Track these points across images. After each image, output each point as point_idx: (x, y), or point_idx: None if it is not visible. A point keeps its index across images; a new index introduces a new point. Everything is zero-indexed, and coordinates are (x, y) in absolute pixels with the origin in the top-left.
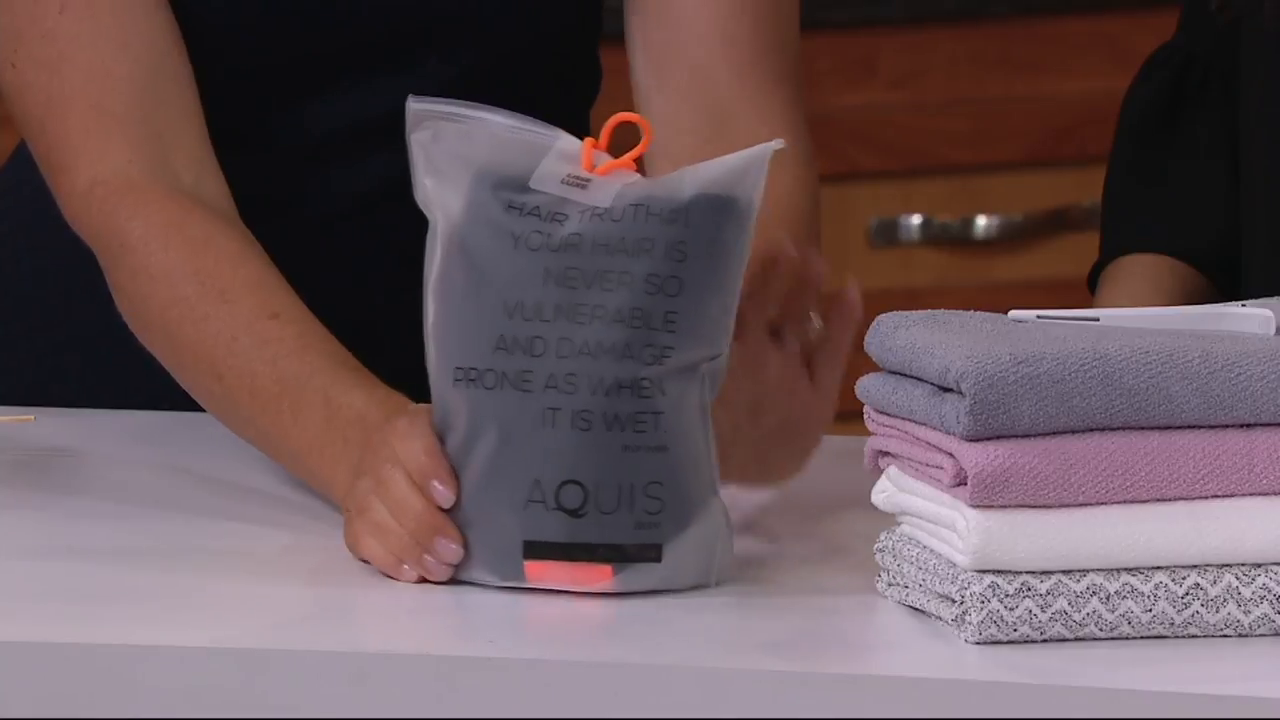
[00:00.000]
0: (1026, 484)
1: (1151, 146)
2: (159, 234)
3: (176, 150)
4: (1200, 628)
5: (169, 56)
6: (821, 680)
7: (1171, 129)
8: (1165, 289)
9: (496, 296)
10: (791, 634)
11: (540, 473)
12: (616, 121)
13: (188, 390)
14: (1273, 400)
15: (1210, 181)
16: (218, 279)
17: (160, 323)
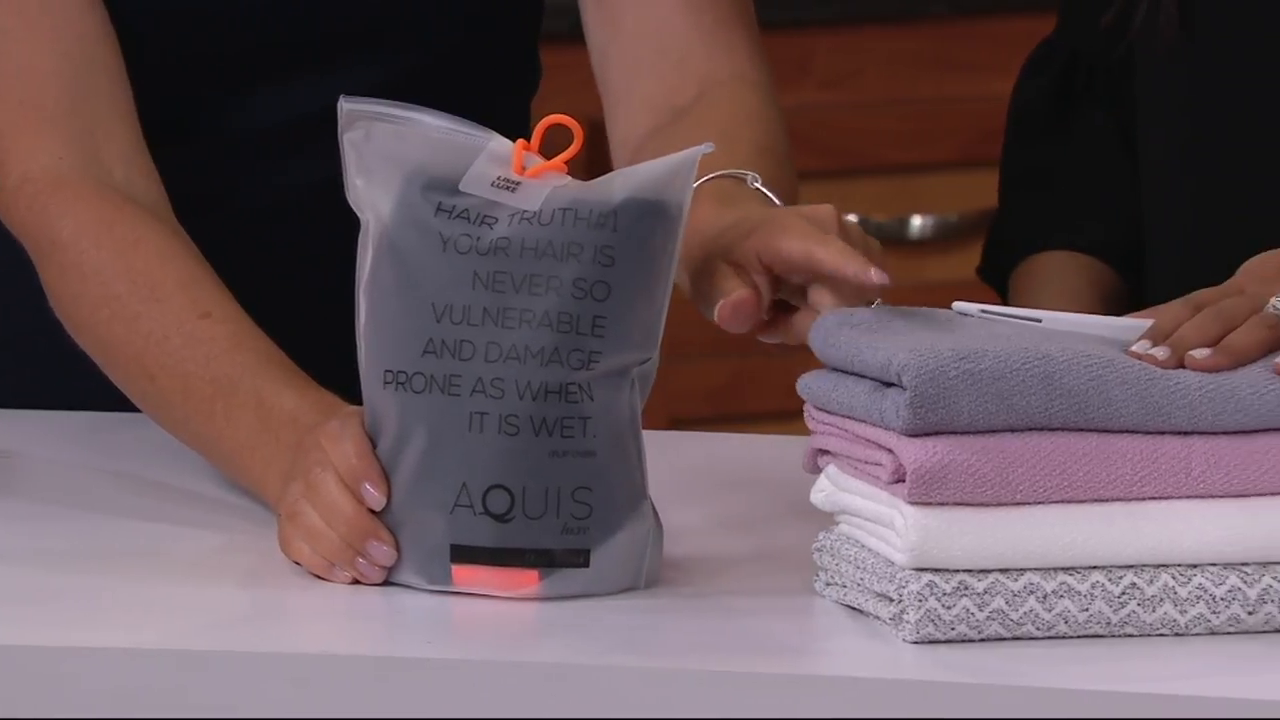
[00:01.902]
0: (965, 481)
1: (1044, 143)
2: (90, 231)
3: (107, 146)
4: (1136, 627)
5: (100, 52)
6: (756, 680)
7: (1062, 125)
8: (1077, 288)
9: (425, 299)
10: (725, 634)
11: (468, 477)
12: (548, 124)
13: (120, 389)
14: (1210, 409)
15: (1111, 177)
16: (148, 277)
17: (91, 321)
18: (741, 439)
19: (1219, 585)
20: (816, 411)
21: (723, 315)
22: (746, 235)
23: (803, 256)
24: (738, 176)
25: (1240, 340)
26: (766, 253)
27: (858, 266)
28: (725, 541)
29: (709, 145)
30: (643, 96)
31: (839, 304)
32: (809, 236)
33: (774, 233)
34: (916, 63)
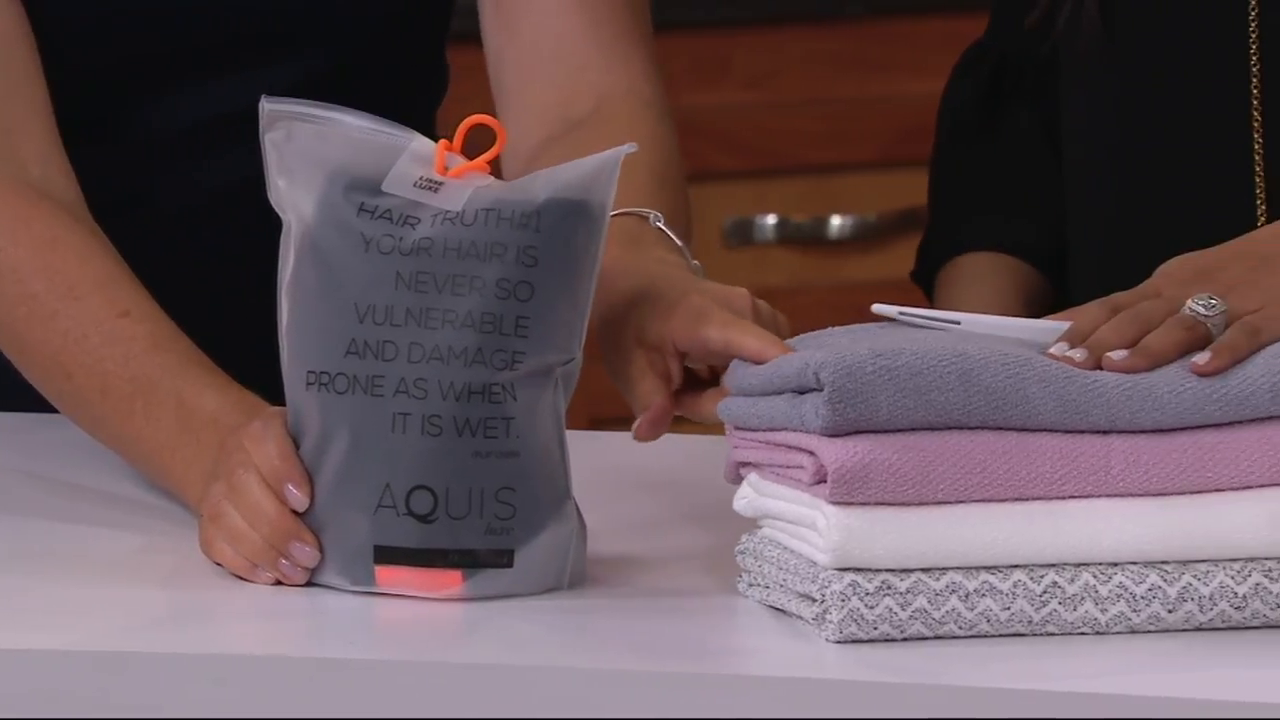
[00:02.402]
0: (886, 480)
1: (973, 145)
2: (6, 229)
3: (24, 144)
4: (1058, 625)
5: (16, 50)
6: (680, 680)
7: (991, 127)
8: (1003, 288)
9: (348, 300)
10: (648, 635)
11: (391, 478)
12: (470, 124)
13: (37, 389)
14: (1128, 408)
15: (1037, 178)
16: (66, 275)
17: (8, 320)
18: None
19: (1139, 583)
20: (737, 431)
21: (640, 434)
22: (658, 316)
23: (723, 346)
24: (640, 215)
25: (1157, 342)
26: (683, 340)
27: (779, 352)
28: (648, 542)
29: (632, 145)
30: (537, 104)
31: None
32: (729, 325)
33: (692, 321)
34: (835, 63)
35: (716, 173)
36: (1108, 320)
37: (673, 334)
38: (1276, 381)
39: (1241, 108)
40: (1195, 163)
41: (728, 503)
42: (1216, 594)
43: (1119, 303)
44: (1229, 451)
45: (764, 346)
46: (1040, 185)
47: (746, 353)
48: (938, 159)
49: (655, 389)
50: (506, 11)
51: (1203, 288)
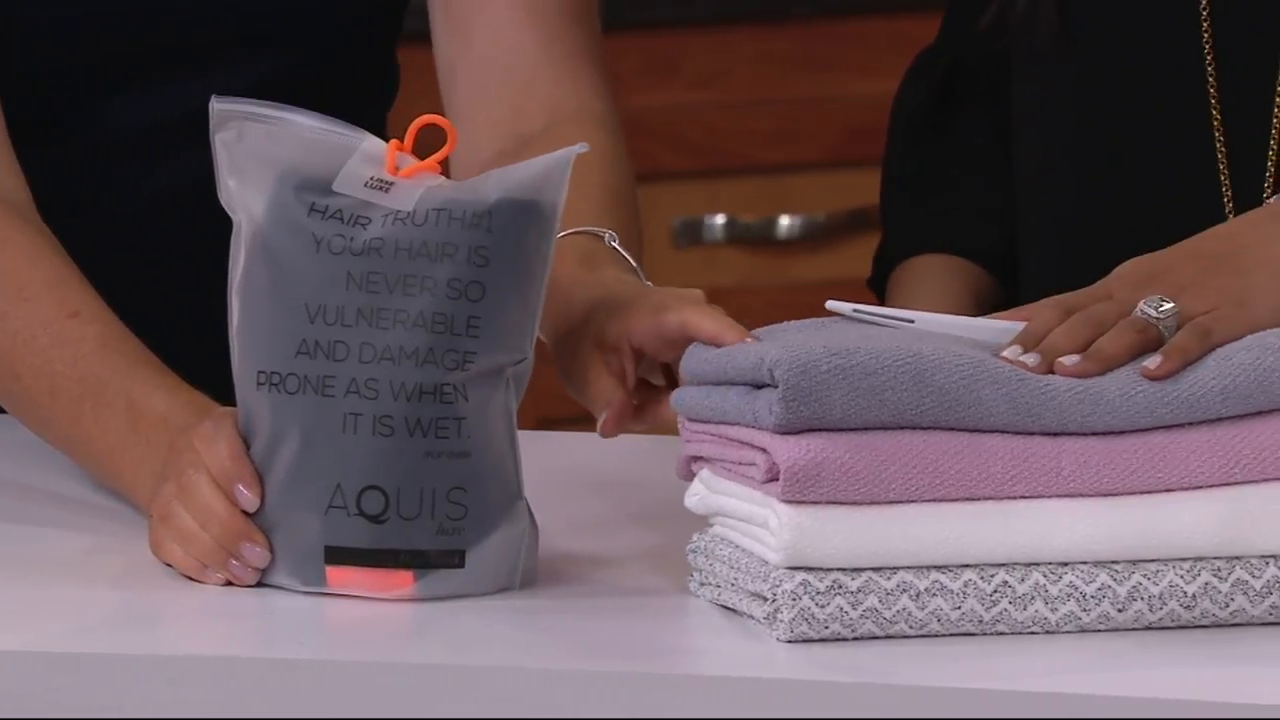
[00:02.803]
0: (838, 479)
1: (926, 149)
2: None
3: None
4: (1008, 625)
5: None
6: (630, 680)
7: (944, 131)
8: (954, 290)
9: (299, 300)
10: (599, 635)
11: (342, 478)
12: (421, 124)
13: None
14: (1079, 411)
15: (988, 181)
16: (15, 276)
17: None
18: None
19: (1089, 583)
20: (689, 423)
21: (606, 429)
22: (615, 316)
23: (680, 328)
24: (595, 234)
25: (1109, 345)
26: (639, 335)
27: (736, 336)
28: (600, 542)
29: (583, 145)
30: (489, 119)
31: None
32: (685, 309)
33: (647, 312)
34: (784, 63)
35: (665, 173)
36: (1060, 322)
37: (630, 330)
38: (1227, 384)
39: (1199, 101)
40: (1155, 158)
41: (679, 502)
42: (1166, 593)
43: (1071, 304)
44: (1179, 452)
45: (721, 329)
46: (991, 188)
47: (703, 334)
48: (890, 163)
49: (612, 387)
50: (459, 23)
51: (1154, 289)
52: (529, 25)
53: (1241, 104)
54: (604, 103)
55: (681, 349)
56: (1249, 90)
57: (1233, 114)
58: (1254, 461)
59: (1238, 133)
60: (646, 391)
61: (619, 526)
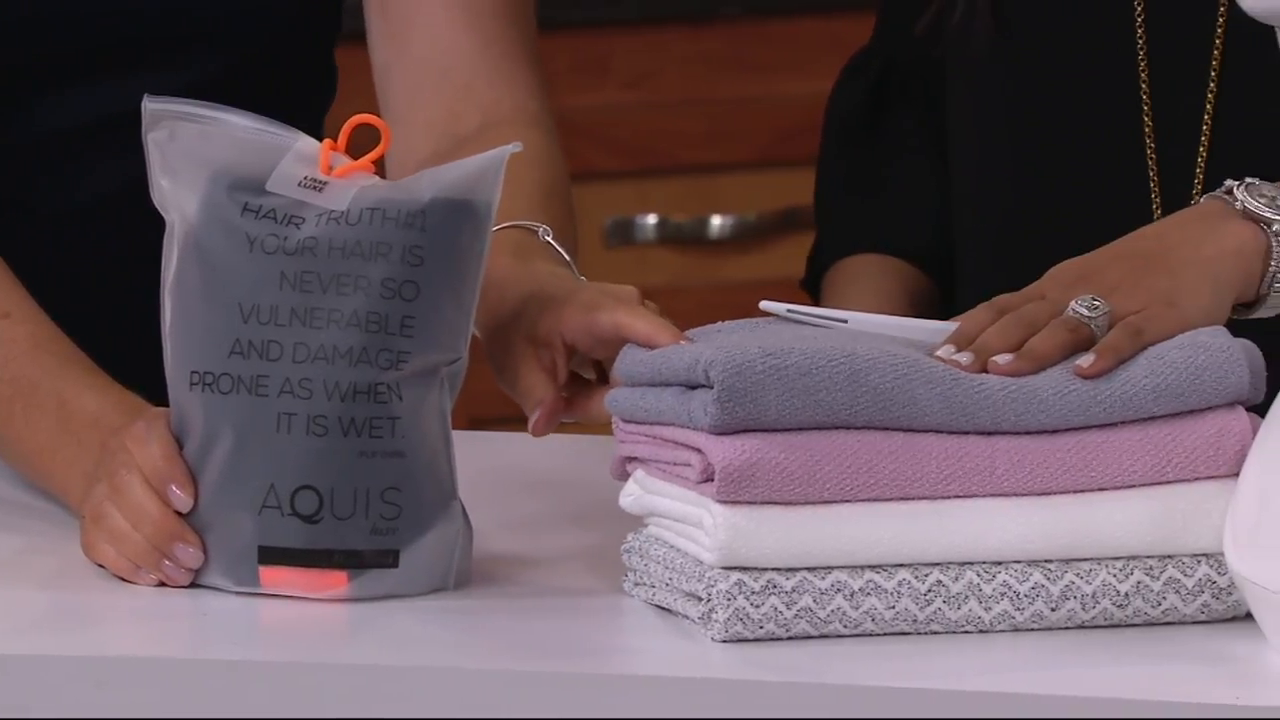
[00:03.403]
0: (773, 479)
1: (861, 149)
2: None
3: None
4: (942, 624)
5: None
6: (564, 680)
7: (878, 131)
8: (888, 289)
9: (232, 300)
10: (534, 635)
11: (275, 478)
12: (355, 123)
13: None
14: (1013, 410)
15: (922, 181)
16: None
17: None
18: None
19: (1023, 582)
20: (624, 424)
21: (537, 428)
22: (548, 311)
23: (613, 329)
24: (529, 228)
25: (1041, 345)
26: (571, 332)
27: (670, 337)
28: (534, 542)
29: (517, 145)
30: (425, 120)
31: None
32: (618, 309)
33: (580, 309)
34: (714, 63)
35: (597, 173)
36: (993, 322)
37: (562, 326)
38: (1159, 382)
39: (1131, 105)
40: (1088, 161)
41: (613, 502)
42: (1099, 592)
43: (1004, 305)
44: (1112, 451)
45: (655, 330)
46: (926, 188)
47: (637, 336)
48: (824, 163)
49: (542, 384)
50: (394, 25)
51: (1086, 289)
52: (465, 26)
53: (1173, 108)
54: (539, 103)
55: (614, 348)
56: (1180, 95)
57: (1164, 119)
58: (1186, 460)
59: (1169, 137)
60: (577, 385)
61: (553, 526)
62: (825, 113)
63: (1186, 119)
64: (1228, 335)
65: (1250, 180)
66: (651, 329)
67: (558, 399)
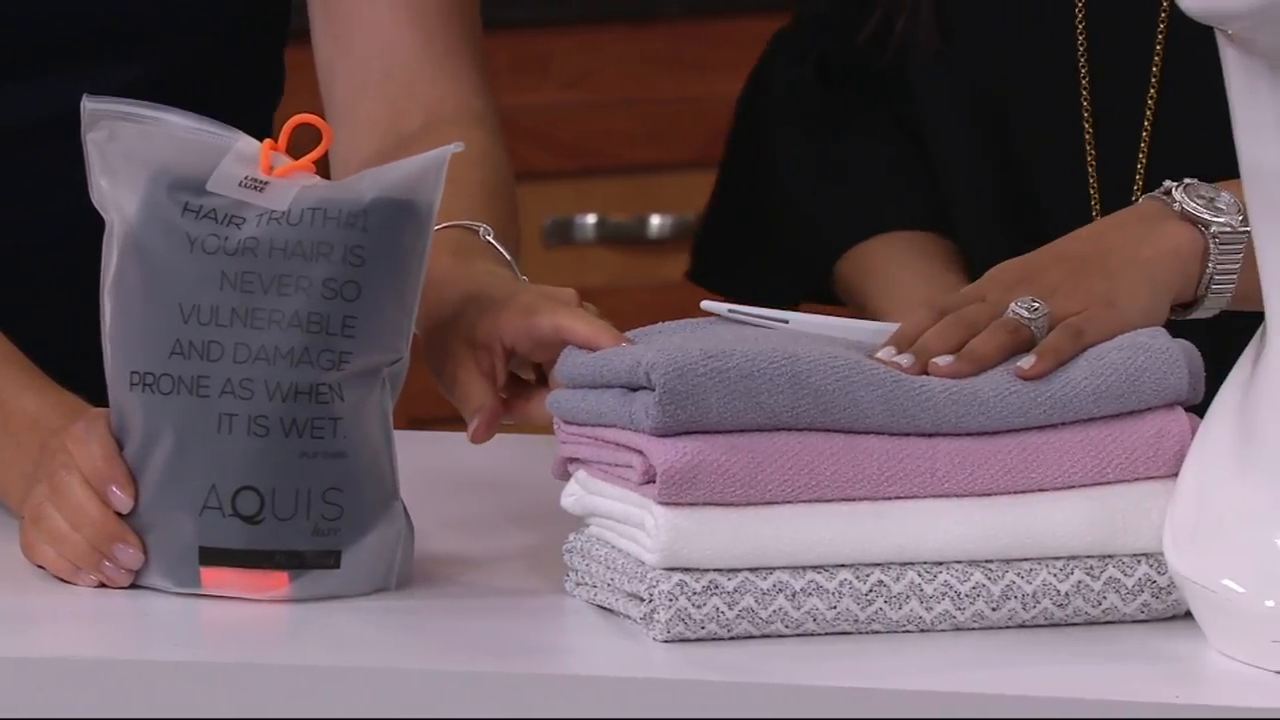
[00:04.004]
0: (715, 481)
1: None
2: None
3: None
4: (884, 624)
5: None
6: (505, 680)
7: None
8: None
9: (172, 300)
10: (475, 635)
11: (216, 479)
12: (296, 123)
13: None
14: (954, 411)
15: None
16: None
17: None
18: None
19: (964, 582)
20: (565, 425)
21: (477, 435)
22: (486, 314)
23: (553, 331)
24: (470, 228)
25: (981, 346)
26: (510, 334)
27: (611, 340)
28: (475, 542)
29: (459, 145)
30: (368, 119)
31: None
32: (558, 312)
33: (519, 313)
34: (653, 63)
35: (536, 172)
36: (933, 324)
37: (501, 329)
38: (1099, 384)
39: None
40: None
41: (554, 502)
42: (1039, 592)
43: (944, 306)
44: (1052, 452)
45: (595, 332)
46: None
47: (577, 338)
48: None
49: (481, 390)
50: (338, 23)
51: (1025, 291)
52: (408, 24)
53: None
54: (483, 102)
55: (554, 351)
56: (1121, 97)
57: (1104, 120)
58: (1126, 461)
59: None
60: (516, 387)
61: (495, 526)
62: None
63: (1127, 120)
64: (1167, 336)
65: (1188, 181)
66: (592, 331)
67: (496, 404)
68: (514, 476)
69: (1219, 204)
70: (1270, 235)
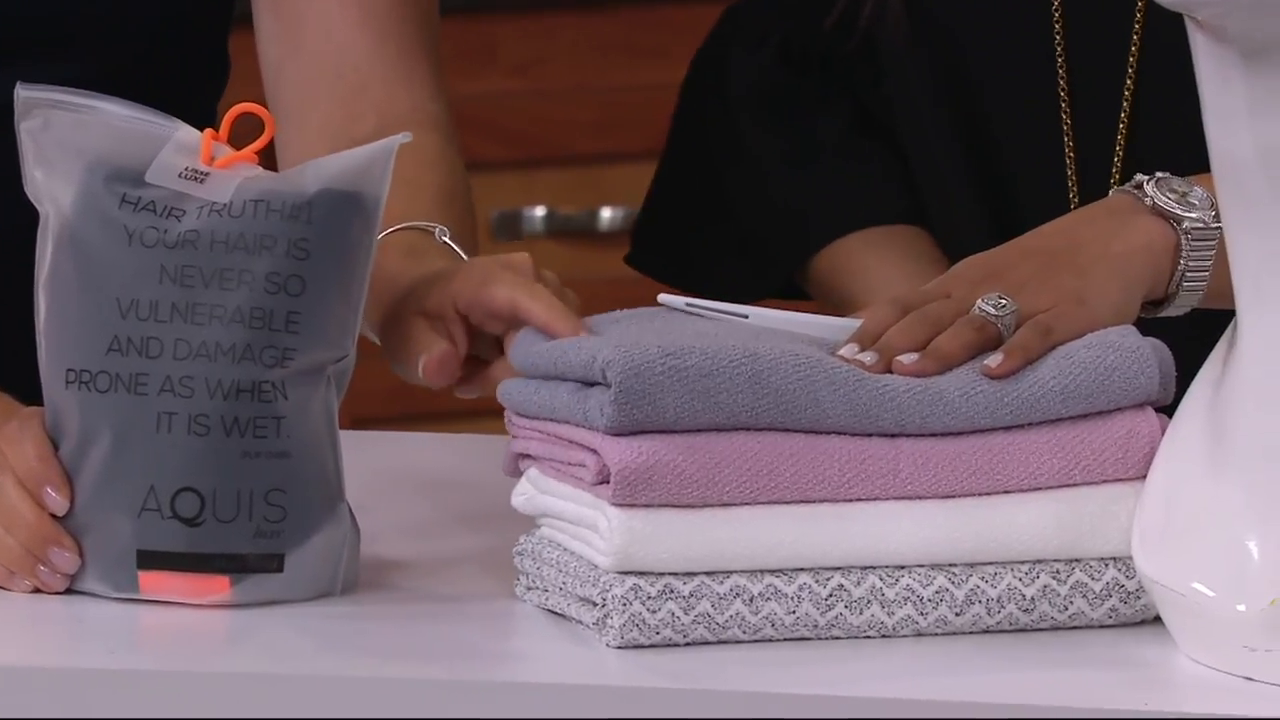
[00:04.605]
0: (671, 482)
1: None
2: None
3: None
4: (844, 629)
5: None
6: (456, 688)
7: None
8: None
9: (110, 295)
10: (422, 641)
11: (155, 479)
12: (237, 112)
13: None
14: (918, 412)
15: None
16: None
17: None
18: (435, 438)
19: (926, 586)
20: (517, 417)
21: (428, 371)
22: (440, 283)
23: (508, 306)
24: (425, 229)
25: (947, 344)
26: (465, 302)
27: (569, 327)
28: (423, 545)
29: (406, 135)
30: (319, 122)
31: None
32: (515, 285)
33: (474, 282)
34: (604, 49)
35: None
36: (896, 320)
37: (455, 295)
38: (1067, 383)
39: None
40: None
41: (505, 504)
42: (1004, 596)
43: (909, 302)
44: (1018, 453)
45: (552, 317)
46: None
47: (533, 320)
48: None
49: (435, 338)
50: (286, 22)
51: (992, 287)
52: (360, 23)
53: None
54: (439, 105)
55: (511, 324)
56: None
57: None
58: (1094, 463)
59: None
60: (476, 365)
61: (443, 529)
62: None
63: (1105, 105)
64: (1137, 335)
65: (1161, 175)
66: (549, 316)
67: (451, 348)
68: (463, 477)
69: (1191, 199)
70: (1241, 228)
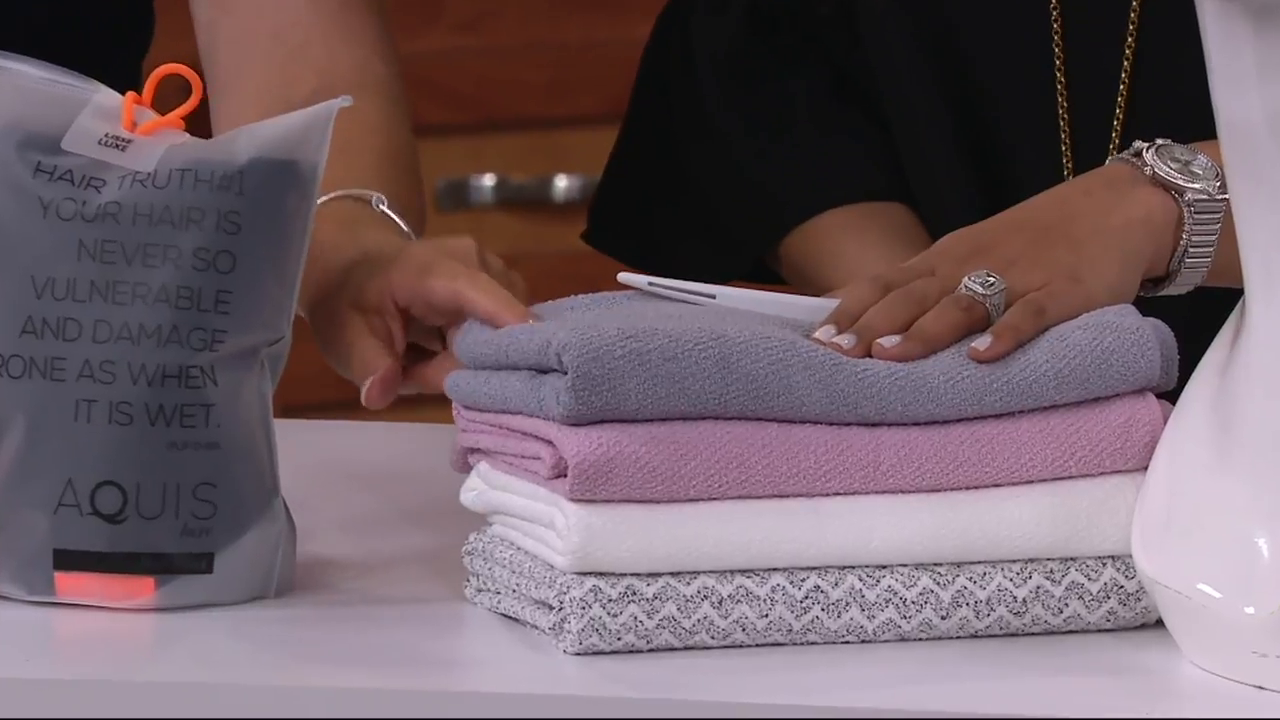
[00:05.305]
0: (633, 475)
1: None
2: None
3: None
4: (821, 634)
5: None
6: (399, 698)
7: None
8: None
9: (23, 273)
10: (364, 648)
11: (73, 473)
12: (163, 73)
13: None
14: (900, 399)
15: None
16: None
17: None
18: (377, 427)
19: (910, 587)
20: (466, 411)
21: (371, 397)
22: (377, 274)
23: (450, 298)
24: (361, 198)
25: (932, 325)
26: (404, 295)
27: (516, 316)
28: (366, 543)
29: (346, 99)
30: (255, 85)
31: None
32: (457, 275)
33: (413, 272)
34: (559, 3)
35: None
36: (877, 300)
37: (394, 288)
38: (1061, 367)
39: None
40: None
41: (454, 498)
42: (994, 598)
43: (890, 281)
44: (1009, 444)
45: (498, 308)
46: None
47: (478, 311)
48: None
49: (376, 351)
50: None
51: (980, 264)
52: None
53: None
54: (385, 63)
55: (455, 316)
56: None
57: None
58: (1091, 453)
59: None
60: (417, 354)
61: (386, 526)
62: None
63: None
64: (1137, 315)
65: (1161, 142)
66: (495, 306)
67: (394, 365)
68: (408, 469)
69: (1194, 168)
70: (1249, 198)
